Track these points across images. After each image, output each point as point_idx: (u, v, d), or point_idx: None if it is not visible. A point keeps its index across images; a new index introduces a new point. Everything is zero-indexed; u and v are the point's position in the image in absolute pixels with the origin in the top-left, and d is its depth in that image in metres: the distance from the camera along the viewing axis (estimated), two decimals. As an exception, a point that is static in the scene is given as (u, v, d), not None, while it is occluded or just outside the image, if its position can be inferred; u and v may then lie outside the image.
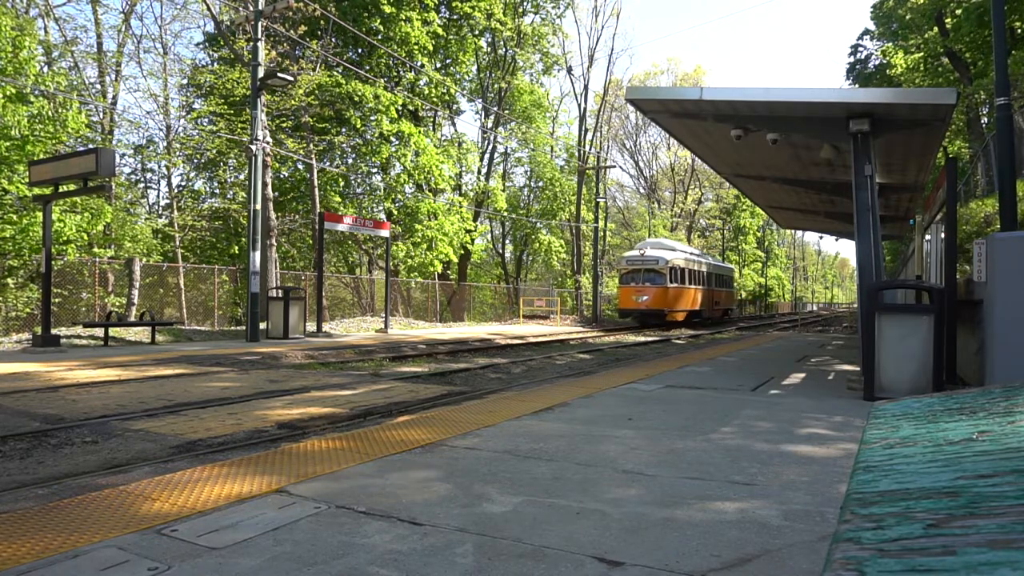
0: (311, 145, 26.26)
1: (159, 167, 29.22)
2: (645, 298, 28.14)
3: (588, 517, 2.98)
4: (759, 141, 9.83)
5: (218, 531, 2.77)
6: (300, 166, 27.69)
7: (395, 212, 29.75)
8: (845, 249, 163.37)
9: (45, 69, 21.09)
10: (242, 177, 27.28)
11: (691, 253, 33.58)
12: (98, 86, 25.63)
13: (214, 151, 26.55)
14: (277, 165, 26.29)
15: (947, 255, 7.85)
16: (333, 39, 24.47)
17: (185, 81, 28.50)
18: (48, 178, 13.06)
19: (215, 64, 27.50)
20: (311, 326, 18.41)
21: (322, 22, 23.25)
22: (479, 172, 36.25)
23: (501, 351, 15.86)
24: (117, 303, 21.02)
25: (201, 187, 29.92)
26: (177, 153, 27.55)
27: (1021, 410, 1.27)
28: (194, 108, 28.20)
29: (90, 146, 21.53)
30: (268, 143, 18.90)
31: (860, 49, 32.18)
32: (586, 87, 40.07)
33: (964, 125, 25.34)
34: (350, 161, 30.17)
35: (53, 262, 14.55)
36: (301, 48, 23.58)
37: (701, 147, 12.71)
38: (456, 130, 35.16)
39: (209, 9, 20.12)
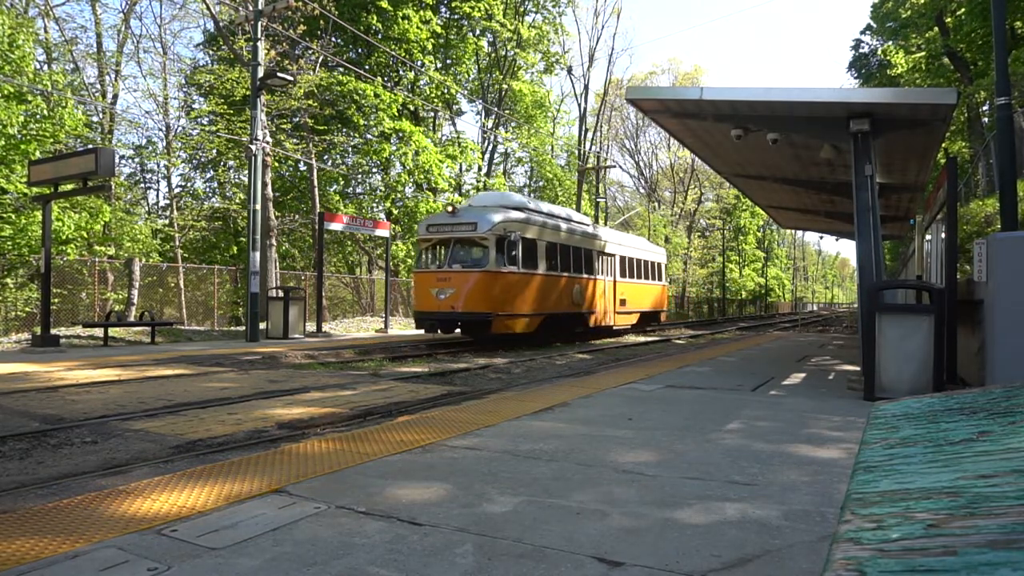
0: (311, 145, 26.26)
1: (159, 167, 29.26)
2: (450, 292, 15.11)
3: (588, 517, 2.98)
4: (759, 141, 9.82)
5: (218, 531, 2.76)
6: (301, 166, 27.70)
7: (395, 212, 29.76)
8: (845, 249, 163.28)
9: (44, 68, 21.09)
10: (242, 177, 27.28)
11: (558, 216, 18.78)
12: (98, 86, 25.65)
13: (214, 151, 26.56)
14: (277, 165, 26.29)
15: (947, 255, 7.84)
16: (333, 38, 24.47)
17: (184, 81, 28.53)
18: (48, 178, 13.07)
19: (215, 64, 27.51)
20: (311, 326, 18.41)
21: (322, 21, 23.25)
22: (480, 171, 36.28)
23: (501, 351, 15.85)
24: (117, 302, 21.02)
25: (200, 187, 29.95)
26: (177, 153, 27.56)
27: (1022, 410, 1.27)
28: (194, 108, 28.21)
29: (89, 146, 21.54)
30: (268, 143, 18.91)
31: (862, 44, 32.30)
32: (586, 87, 40.14)
33: (964, 125, 25.37)
34: (350, 161, 30.19)
35: (52, 262, 14.55)
36: (301, 48, 23.58)
37: (701, 147, 12.71)
38: (456, 129, 35.17)
39: (209, 9, 20.12)
